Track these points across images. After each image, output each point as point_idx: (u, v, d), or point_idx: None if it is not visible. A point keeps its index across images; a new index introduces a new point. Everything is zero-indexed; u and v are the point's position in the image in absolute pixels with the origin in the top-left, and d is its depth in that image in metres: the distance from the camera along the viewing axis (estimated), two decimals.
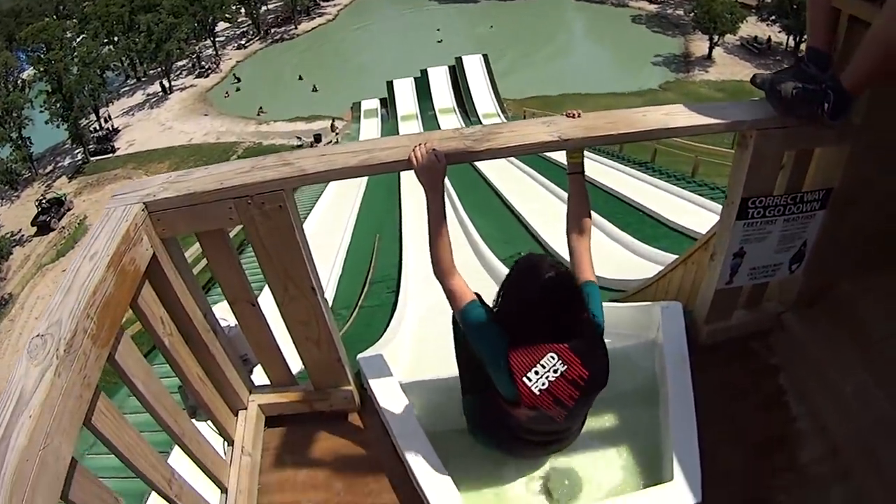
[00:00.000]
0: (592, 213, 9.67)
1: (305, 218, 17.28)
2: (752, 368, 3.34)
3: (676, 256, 9.29)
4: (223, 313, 2.97)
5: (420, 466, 2.82)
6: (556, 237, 12.70)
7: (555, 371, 2.50)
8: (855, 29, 2.43)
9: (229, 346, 3.04)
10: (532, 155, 17.05)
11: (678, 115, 2.63)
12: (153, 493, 2.29)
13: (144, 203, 2.38)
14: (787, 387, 3.20)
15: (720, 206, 8.58)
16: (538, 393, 2.50)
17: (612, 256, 11.55)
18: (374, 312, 9.33)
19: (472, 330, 2.64)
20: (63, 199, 51.00)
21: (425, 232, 2.64)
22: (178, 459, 2.72)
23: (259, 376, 3.32)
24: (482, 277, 10.33)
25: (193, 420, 2.89)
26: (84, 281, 1.95)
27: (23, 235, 49.48)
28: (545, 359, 2.51)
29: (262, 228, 2.52)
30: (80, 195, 52.87)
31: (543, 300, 2.50)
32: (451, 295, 2.68)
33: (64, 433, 1.63)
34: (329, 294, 11.44)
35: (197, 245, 2.71)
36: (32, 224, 49.18)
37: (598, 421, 3.15)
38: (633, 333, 3.83)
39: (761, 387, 3.25)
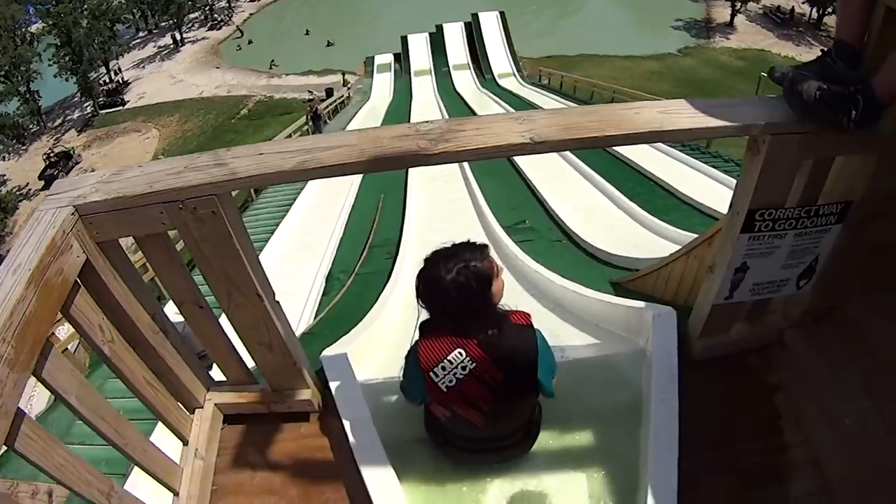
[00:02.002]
0: (603, 180, 9.50)
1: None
2: (747, 387, 3.08)
3: (684, 232, 9.15)
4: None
5: (374, 483, 2.69)
6: (565, 207, 12.48)
7: (463, 368, 2.42)
8: (894, 24, 2.07)
9: (183, 345, 2.89)
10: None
11: (678, 115, 2.24)
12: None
13: (75, 206, 2.19)
14: (784, 410, 2.94)
15: (733, 180, 8.40)
16: (445, 390, 2.44)
17: (619, 229, 11.38)
18: (369, 280, 9.13)
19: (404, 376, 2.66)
20: (71, 152, 51.46)
21: (432, 194, 2.50)
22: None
23: (219, 372, 3.17)
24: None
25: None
26: (3, 300, 1.79)
27: (30, 189, 49.88)
28: (452, 354, 2.43)
29: (197, 234, 2.30)
30: (88, 148, 53.34)
31: (435, 293, 2.45)
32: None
33: None
34: (328, 258, 11.31)
35: None
36: (40, 178, 49.49)
37: (574, 438, 3.00)
38: (623, 336, 3.68)
39: (756, 408, 3.00)
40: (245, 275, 2.47)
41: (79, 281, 2.15)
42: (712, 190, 12.84)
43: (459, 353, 2.41)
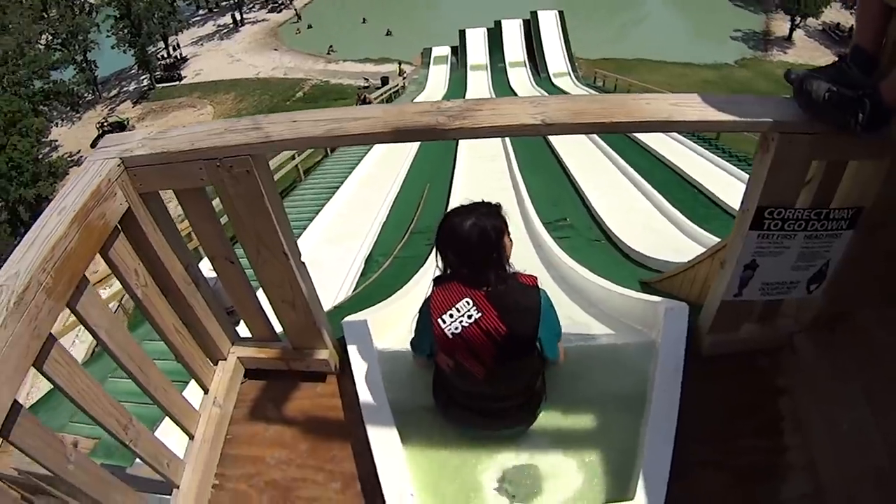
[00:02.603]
0: (646, 182, 9.51)
1: (360, 161, 17.22)
2: (753, 387, 3.12)
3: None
4: None
5: (378, 442, 2.81)
6: (606, 207, 12.49)
7: (469, 317, 2.54)
8: None
9: (213, 299, 3.03)
10: None
11: (688, 108, 2.30)
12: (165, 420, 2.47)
13: (121, 158, 2.35)
14: (786, 413, 2.98)
15: None
16: (450, 336, 2.55)
17: (658, 232, 11.38)
18: (407, 264, 9.23)
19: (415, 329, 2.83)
20: (125, 123, 51.52)
21: (477, 186, 2.65)
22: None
23: (245, 328, 3.32)
24: (523, 238, 10.21)
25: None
26: (47, 236, 1.96)
27: (81, 157, 49.96)
28: (461, 303, 2.56)
29: (232, 191, 2.45)
30: (142, 120, 53.51)
31: (452, 240, 2.62)
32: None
33: (6, 379, 1.68)
34: (370, 241, 11.47)
35: None
36: (92, 146, 49.18)
37: (577, 419, 3.06)
38: (639, 329, 3.75)
39: (760, 408, 3.04)
40: (273, 233, 2.61)
41: (119, 227, 2.31)
42: None
43: (467, 301, 2.54)
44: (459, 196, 12.84)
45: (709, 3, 63.68)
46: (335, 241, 11.67)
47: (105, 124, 50.72)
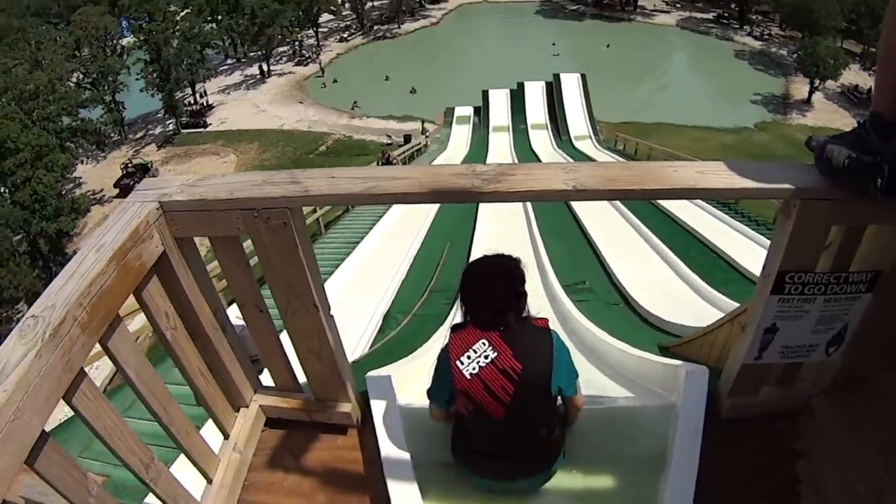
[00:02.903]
0: (666, 248, 9.56)
1: (381, 217, 17.33)
2: (771, 450, 3.11)
3: (739, 305, 9.13)
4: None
5: (399, 497, 2.82)
6: (626, 271, 12.51)
7: (485, 357, 2.62)
8: None
9: (239, 346, 3.07)
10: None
11: (714, 176, 2.37)
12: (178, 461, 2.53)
13: (160, 202, 2.42)
14: (804, 476, 2.97)
15: None
16: (468, 377, 2.61)
17: (676, 297, 11.34)
18: (426, 322, 9.29)
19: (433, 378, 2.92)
20: (149, 166, 52.49)
21: (495, 246, 2.78)
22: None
23: (268, 376, 3.36)
24: (541, 300, 10.23)
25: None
26: (85, 271, 2.02)
27: (104, 196, 51.31)
28: (477, 344, 2.65)
29: (267, 241, 2.52)
30: (166, 164, 54.59)
31: (473, 286, 2.79)
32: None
33: (37, 410, 1.71)
34: (388, 298, 11.49)
35: None
36: (115, 186, 50.80)
37: (594, 479, 3.06)
38: (658, 392, 3.75)
39: (777, 471, 3.04)
40: (305, 284, 2.67)
41: (153, 269, 2.37)
42: None
43: (483, 342, 2.63)
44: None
45: (729, 66, 64.67)
46: (354, 297, 11.66)
47: (129, 165, 51.99)
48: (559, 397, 2.83)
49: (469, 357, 2.62)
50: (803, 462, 3.02)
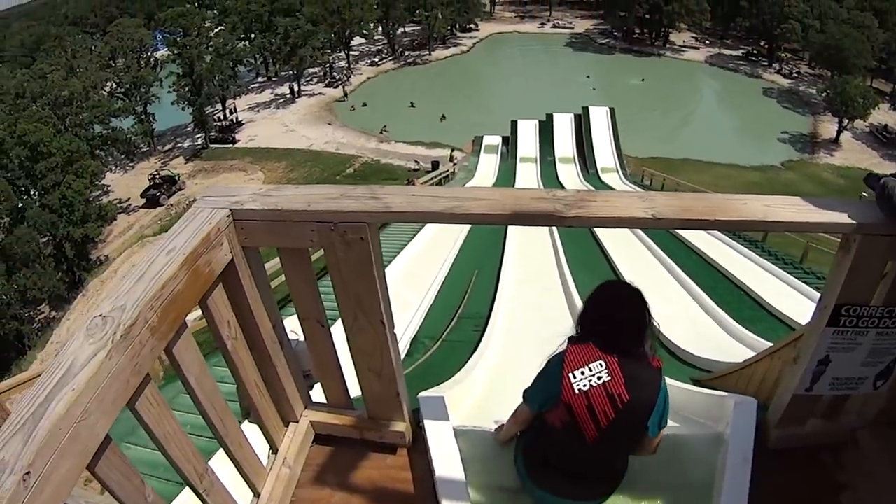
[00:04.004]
0: (692, 282, 9.50)
1: (409, 241, 17.40)
2: (816, 482, 3.13)
3: (769, 343, 9.09)
4: (294, 326, 3.01)
5: None
6: (654, 305, 12.39)
7: (598, 378, 2.62)
8: None
9: (293, 360, 3.09)
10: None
11: (780, 209, 2.42)
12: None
13: (231, 210, 2.44)
14: None
15: None
16: (577, 392, 2.62)
17: (704, 333, 11.23)
18: (456, 348, 9.26)
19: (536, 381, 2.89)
20: (176, 178, 53.69)
21: (525, 274, 2.79)
22: (220, 462, 2.80)
23: (318, 392, 3.36)
24: (571, 331, 10.16)
25: (245, 422, 3.10)
26: (156, 274, 2.03)
27: (130, 205, 51.94)
28: (594, 363, 2.65)
29: (342, 256, 2.54)
30: (193, 178, 55.17)
31: (608, 306, 2.79)
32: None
33: (103, 412, 1.72)
34: (416, 322, 11.49)
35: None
36: (142, 196, 51.83)
37: None
38: (703, 422, 3.74)
39: (822, 503, 3.06)
40: (375, 301, 2.69)
41: (220, 277, 2.40)
42: (802, 304, 12.59)
43: (600, 363, 2.64)
44: (508, 285, 13.07)
45: (757, 104, 64.62)
46: None
47: (156, 176, 52.99)
48: None
49: (583, 373, 2.63)
50: (847, 494, 3.04)
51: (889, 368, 2.82)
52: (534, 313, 11.18)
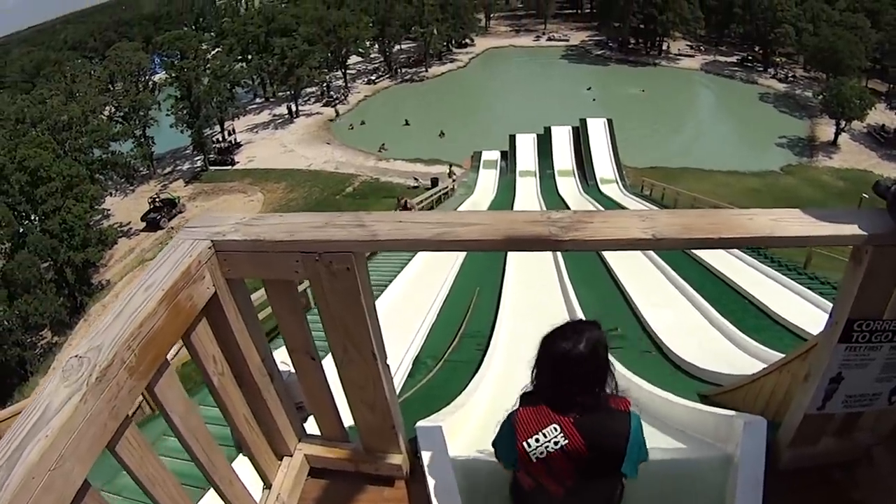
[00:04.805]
0: (697, 294, 9.42)
1: (410, 259, 17.31)
2: (831, 501, 3.03)
3: (774, 352, 9.00)
4: (286, 357, 2.91)
5: None
6: (658, 319, 12.34)
7: (555, 444, 2.48)
8: None
9: (285, 393, 3.00)
10: None
11: (788, 223, 2.31)
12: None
13: (213, 241, 2.35)
14: None
15: (829, 303, 8.25)
16: (534, 461, 2.49)
17: (709, 344, 11.15)
18: (458, 368, 9.20)
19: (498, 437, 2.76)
20: (176, 201, 53.90)
21: (526, 293, 2.66)
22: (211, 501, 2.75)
23: (313, 423, 3.27)
24: None
25: (240, 456, 3.06)
26: (134, 311, 1.94)
27: (131, 228, 52.24)
28: (548, 429, 2.49)
29: (328, 287, 2.43)
30: (193, 200, 55.52)
31: (556, 367, 2.53)
32: None
33: (79, 458, 1.64)
34: (418, 342, 11.40)
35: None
36: (142, 219, 52.05)
37: None
38: (712, 443, 3.65)
39: None
40: (365, 332, 2.58)
41: (203, 311, 2.30)
42: (806, 311, 12.54)
43: (554, 427, 2.47)
44: (510, 303, 12.97)
45: (754, 109, 64.98)
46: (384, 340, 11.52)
47: (156, 200, 53.14)
48: None
49: (538, 440, 2.48)
50: None
51: None
52: (536, 330, 11.03)
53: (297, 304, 2.63)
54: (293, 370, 2.96)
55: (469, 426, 4.86)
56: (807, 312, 12.38)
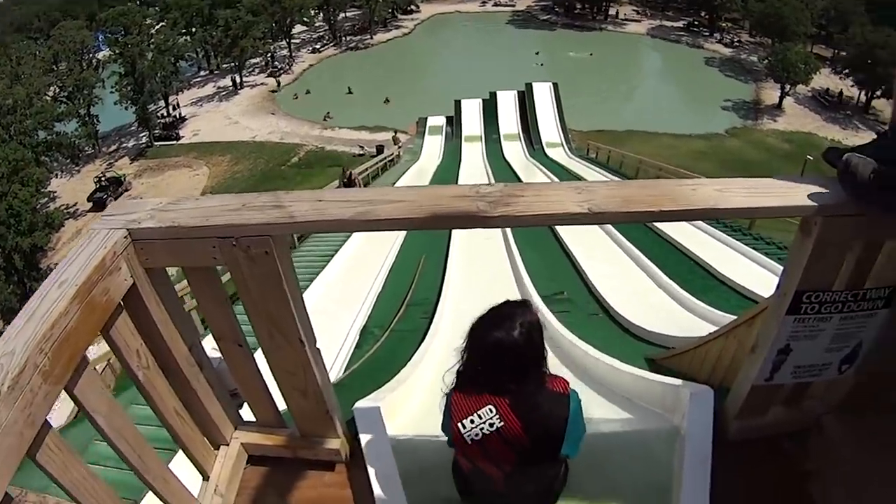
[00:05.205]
0: (643, 256, 9.42)
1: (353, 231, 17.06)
2: (781, 472, 2.99)
3: (721, 313, 9.07)
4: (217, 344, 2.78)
5: None
6: (604, 281, 12.39)
7: (490, 425, 2.40)
8: None
9: (217, 381, 2.87)
10: None
11: (733, 195, 2.23)
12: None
13: (128, 230, 2.20)
14: (818, 497, 2.85)
15: (775, 264, 8.32)
16: (469, 442, 2.42)
17: (657, 307, 11.23)
18: (405, 338, 9.11)
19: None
20: (122, 179, 53.02)
21: (473, 259, 2.54)
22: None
23: (248, 411, 3.16)
24: None
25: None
26: (46, 311, 1.81)
27: (77, 209, 51.32)
28: (483, 409, 2.42)
29: (247, 272, 2.30)
30: (139, 177, 54.89)
31: (488, 357, 2.44)
32: None
33: None
34: (365, 312, 11.34)
35: None
36: (88, 200, 50.92)
37: None
38: (659, 413, 3.62)
39: (789, 494, 2.92)
40: (290, 318, 2.47)
41: (122, 304, 2.16)
42: (752, 272, 12.72)
43: (490, 408, 2.40)
44: (456, 271, 12.96)
45: (699, 74, 65.71)
46: (329, 312, 11.42)
47: (102, 179, 52.08)
48: None
49: (472, 422, 2.40)
50: (815, 483, 2.91)
51: (854, 352, 2.67)
52: (483, 296, 11.00)
53: (219, 290, 2.50)
54: (222, 357, 2.83)
55: (410, 403, 4.76)
56: (753, 273, 12.55)
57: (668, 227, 16.05)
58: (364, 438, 3.13)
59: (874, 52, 51.18)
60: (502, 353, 2.39)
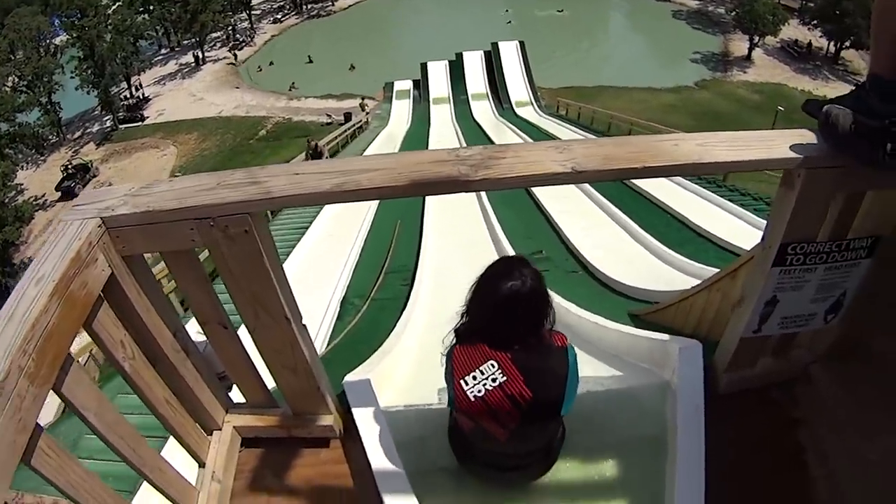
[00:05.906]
0: (619, 211, 9.46)
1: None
2: (771, 421, 3.04)
3: (699, 265, 9.11)
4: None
5: None
6: (581, 238, 12.42)
7: (493, 380, 2.41)
8: None
9: (204, 365, 2.83)
10: None
11: (715, 148, 2.22)
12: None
13: (102, 218, 2.13)
14: (808, 445, 2.90)
15: (750, 214, 8.35)
16: (472, 399, 2.41)
17: (635, 261, 11.31)
18: (385, 306, 9.08)
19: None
20: (89, 165, 52.23)
21: (448, 221, 2.51)
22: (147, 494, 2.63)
23: (239, 393, 3.12)
24: None
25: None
26: (26, 311, 1.74)
27: (46, 200, 50.51)
28: (485, 365, 2.43)
29: (227, 252, 2.25)
30: (106, 162, 54.06)
31: (501, 308, 2.44)
32: None
33: None
34: (344, 282, 11.27)
35: None
36: (57, 189, 50.15)
37: (598, 468, 2.95)
38: (648, 368, 3.62)
39: (780, 442, 2.95)
40: (274, 296, 2.43)
41: (102, 295, 2.10)
42: (727, 223, 12.81)
43: (492, 364, 2.41)
44: (432, 233, 12.91)
45: (667, 27, 65.50)
46: (308, 284, 11.34)
47: (69, 167, 51.32)
48: None
49: (475, 378, 2.40)
50: (804, 431, 2.96)
51: (840, 302, 2.72)
52: (461, 259, 11.06)
53: (200, 273, 2.46)
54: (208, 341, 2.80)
55: (399, 371, 4.75)
56: (729, 225, 12.61)
57: (642, 181, 16.10)
58: (357, 412, 3.11)
59: (841, 3, 51.21)
60: (516, 304, 2.41)
